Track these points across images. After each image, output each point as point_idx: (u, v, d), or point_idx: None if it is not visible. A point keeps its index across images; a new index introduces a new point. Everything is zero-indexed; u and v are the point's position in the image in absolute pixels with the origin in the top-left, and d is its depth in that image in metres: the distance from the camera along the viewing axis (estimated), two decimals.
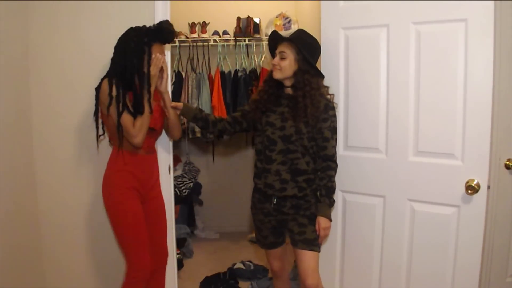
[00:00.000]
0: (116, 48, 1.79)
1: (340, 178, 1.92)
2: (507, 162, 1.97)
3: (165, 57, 1.84)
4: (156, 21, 1.97)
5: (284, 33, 2.46)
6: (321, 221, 1.78)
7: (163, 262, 2.00)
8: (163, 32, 1.78)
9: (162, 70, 1.81)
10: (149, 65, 1.74)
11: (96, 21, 2.01)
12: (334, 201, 1.81)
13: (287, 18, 3.32)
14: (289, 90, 1.85)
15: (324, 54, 1.93)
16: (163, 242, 1.99)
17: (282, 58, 1.80)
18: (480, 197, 1.61)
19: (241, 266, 2.93)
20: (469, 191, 1.60)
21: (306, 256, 1.79)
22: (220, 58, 3.39)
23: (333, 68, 1.90)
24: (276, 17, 3.34)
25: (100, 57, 2.01)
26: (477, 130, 1.60)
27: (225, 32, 3.41)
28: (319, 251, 1.82)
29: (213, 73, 3.35)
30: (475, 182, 1.59)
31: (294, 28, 3.30)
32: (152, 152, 1.92)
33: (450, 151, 1.65)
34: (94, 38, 2.01)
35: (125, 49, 1.76)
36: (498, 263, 2.04)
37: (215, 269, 2.91)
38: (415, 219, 1.76)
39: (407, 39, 1.70)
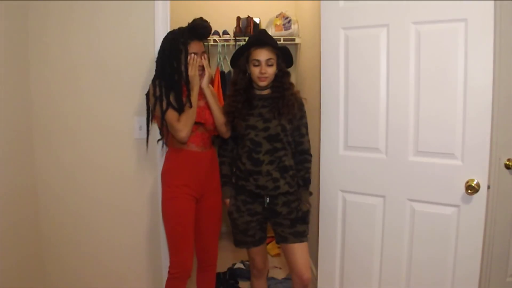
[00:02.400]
0: (158, 52, 1.86)
1: (340, 178, 1.93)
2: (507, 162, 1.97)
3: (205, 55, 1.88)
4: (156, 21, 1.98)
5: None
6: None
7: (211, 261, 2.03)
8: (197, 28, 1.83)
9: (202, 68, 1.86)
10: (186, 63, 1.80)
11: (95, 20, 2.00)
12: (311, 192, 1.96)
13: (287, 18, 3.31)
14: (265, 91, 1.91)
15: (324, 54, 1.93)
16: (212, 243, 2.01)
17: (270, 65, 1.83)
18: (480, 197, 1.61)
19: (241, 266, 2.93)
20: (469, 191, 1.60)
21: (299, 249, 1.87)
22: (220, 58, 3.39)
23: (333, 68, 1.90)
24: (276, 17, 3.34)
25: (100, 56, 2.02)
26: (477, 130, 1.59)
27: (225, 32, 3.40)
28: (307, 241, 1.91)
29: (213, 73, 3.35)
30: (475, 182, 1.59)
31: (294, 28, 3.30)
32: (208, 148, 1.93)
33: (450, 151, 1.65)
34: (94, 38, 2.01)
35: (163, 51, 1.82)
36: (498, 263, 2.04)
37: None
38: (415, 219, 1.76)
39: (407, 39, 1.70)
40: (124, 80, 2.03)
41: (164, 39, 1.86)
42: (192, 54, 1.81)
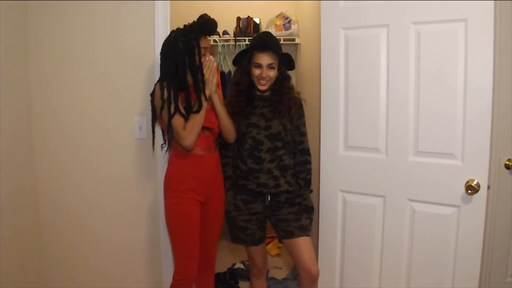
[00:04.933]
0: (162, 53, 1.79)
1: (340, 178, 1.93)
2: (507, 162, 1.97)
3: (211, 57, 1.84)
4: (156, 21, 1.99)
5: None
6: None
7: (210, 262, 2.03)
8: (207, 24, 1.81)
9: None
10: (200, 57, 1.76)
11: (95, 20, 2.00)
12: (311, 189, 1.98)
13: (287, 18, 3.31)
14: (266, 92, 1.92)
15: (324, 54, 1.93)
16: (213, 245, 2.01)
17: (271, 69, 1.85)
18: (480, 197, 1.61)
19: (241, 266, 2.93)
20: (469, 191, 1.60)
21: (306, 244, 1.86)
22: (220, 58, 3.39)
23: (333, 68, 1.90)
24: (276, 17, 3.34)
25: (100, 56, 2.02)
26: (477, 130, 1.59)
27: (225, 32, 3.40)
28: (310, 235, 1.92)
29: None
30: (475, 182, 1.59)
31: (294, 28, 3.30)
32: (212, 152, 1.89)
33: (450, 151, 1.65)
34: (93, 38, 2.01)
35: (174, 50, 1.76)
36: (498, 263, 2.04)
37: (215, 269, 2.90)
38: (415, 219, 1.76)
39: (407, 39, 1.70)
40: (124, 80, 2.03)
41: (169, 39, 1.80)
42: (210, 57, 1.78)
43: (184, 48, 1.75)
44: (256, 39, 1.93)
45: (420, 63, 1.68)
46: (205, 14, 1.84)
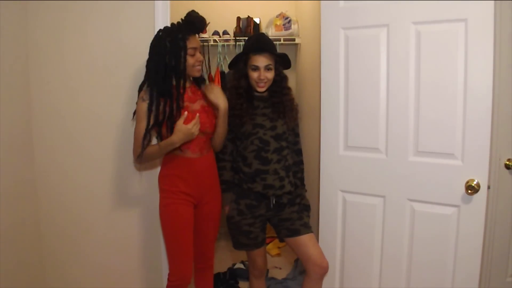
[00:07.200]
0: (149, 54, 1.75)
1: (340, 178, 1.93)
2: (507, 162, 1.97)
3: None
4: (156, 21, 1.98)
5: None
6: None
7: (208, 263, 2.02)
8: (195, 22, 1.75)
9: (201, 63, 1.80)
10: (185, 61, 1.71)
11: (95, 20, 2.00)
12: (306, 189, 2.05)
13: (287, 18, 3.31)
14: (264, 93, 1.93)
15: (324, 54, 1.93)
16: (210, 248, 1.99)
17: (268, 70, 1.85)
18: (480, 197, 1.61)
19: (241, 266, 2.93)
20: (469, 191, 1.60)
21: (312, 240, 1.89)
22: (220, 58, 3.38)
23: (333, 68, 1.90)
24: (276, 17, 3.34)
25: (100, 56, 2.02)
26: (477, 130, 1.59)
27: (225, 32, 3.40)
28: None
29: (213, 73, 3.35)
30: (475, 182, 1.59)
31: (294, 28, 3.30)
32: (205, 153, 1.86)
33: (450, 151, 1.65)
34: (94, 38, 2.01)
35: (159, 52, 1.71)
36: (498, 263, 2.04)
37: (215, 269, 2.88)
38: (415, 219, 1.76)
39: (407, 39, 1.70)
40: (123, 80, 2.03)
41: (156, 39, 1.74)
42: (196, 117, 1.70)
43: (171, 49, 1.69)
44: (251, 41, 1.91)
45: (420, 63, 1.68)
46: (193, 11, 1.77)
